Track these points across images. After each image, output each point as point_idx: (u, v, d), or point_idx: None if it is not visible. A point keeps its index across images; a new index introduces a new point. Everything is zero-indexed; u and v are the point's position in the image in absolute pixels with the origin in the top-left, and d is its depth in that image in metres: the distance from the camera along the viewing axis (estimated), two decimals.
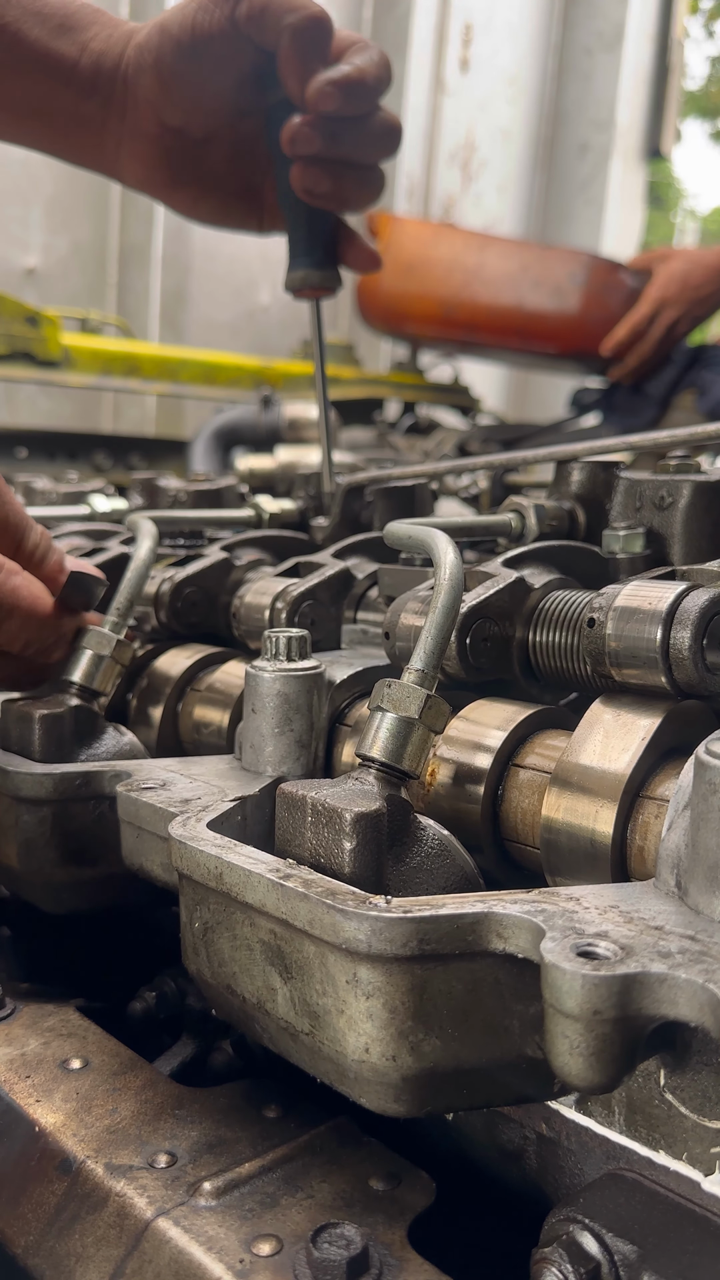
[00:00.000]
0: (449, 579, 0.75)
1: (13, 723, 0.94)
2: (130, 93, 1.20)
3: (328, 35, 1.13)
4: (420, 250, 4.57)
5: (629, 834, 0.68)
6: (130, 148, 1.24)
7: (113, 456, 4.08)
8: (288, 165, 1.19)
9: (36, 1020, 0.89)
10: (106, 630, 0.98)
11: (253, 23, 1.11)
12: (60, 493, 1.82)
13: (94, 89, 1.20)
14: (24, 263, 5.32)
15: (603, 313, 4.50)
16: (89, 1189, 0.70)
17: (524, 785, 0.77)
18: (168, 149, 1.24)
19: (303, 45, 1.11)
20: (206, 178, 1.27)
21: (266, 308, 6.05)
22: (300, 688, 0.81)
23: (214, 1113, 0.76)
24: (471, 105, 6.90)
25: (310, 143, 1.14)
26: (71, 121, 1.23)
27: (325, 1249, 0.60)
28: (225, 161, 1.26)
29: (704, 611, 0.70)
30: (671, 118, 7.82)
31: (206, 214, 1.32)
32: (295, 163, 1.17)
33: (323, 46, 1.12)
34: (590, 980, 0.49)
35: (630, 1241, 0.57)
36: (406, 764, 0.70)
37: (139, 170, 1.26)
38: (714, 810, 0.54)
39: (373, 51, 1.14)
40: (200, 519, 1.38)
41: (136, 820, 0.81)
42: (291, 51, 1.11)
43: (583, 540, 1.05)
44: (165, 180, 1.27)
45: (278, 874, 0.61)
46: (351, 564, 1.12)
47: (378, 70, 1.13)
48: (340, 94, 1.10)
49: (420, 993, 0.56)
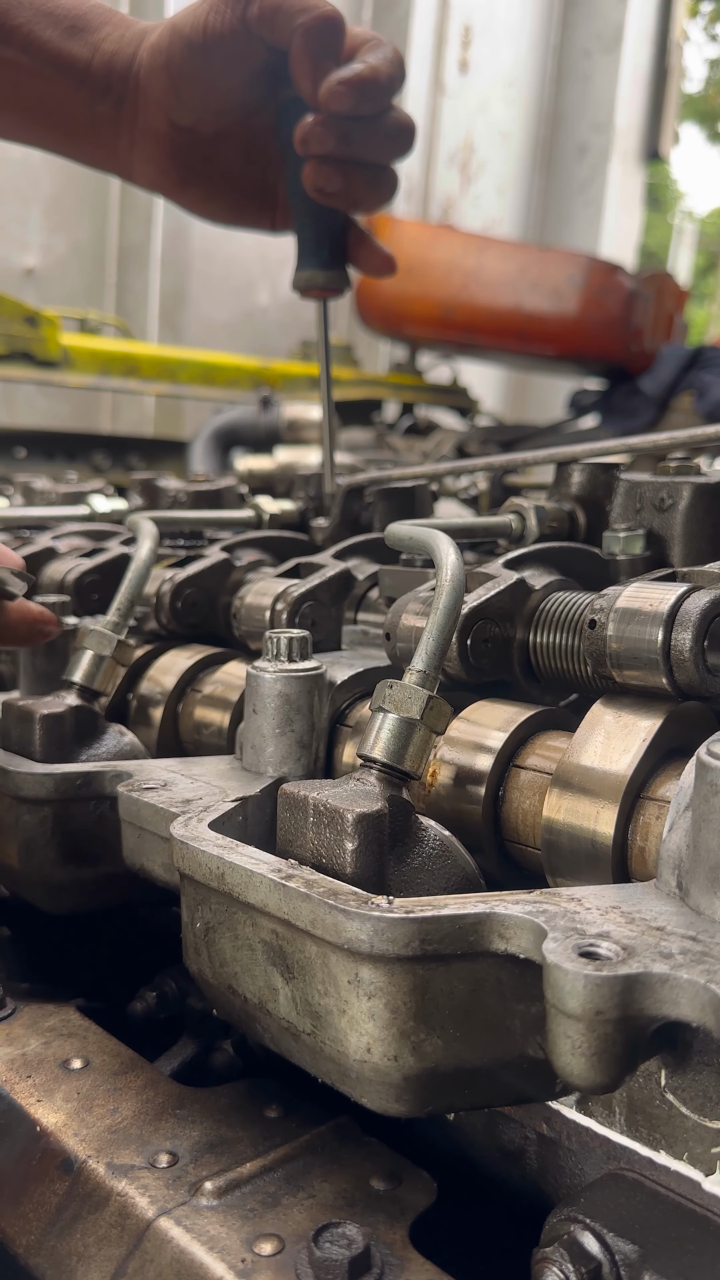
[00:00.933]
0: (450, 580, 0.75)
1: (13, 722, 0.94)
2: (142, 93, 1.20)
3: (340, 34, 1.12)
4: (419, 252, 4.58)
5: (630, 835, 0.69)
6: (142, 148, 1.24)
7: (111, 457, 4.08)
8: (297, 164, 1.19)
9: (37, 1020, 0.89)
10: (107, 631, 0.98)
11: (265, 23, 1.11)
12: (59, 493, 1.82)
13: (107, 90, 1.20)
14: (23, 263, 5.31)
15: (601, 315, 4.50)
16: (90, 1188, 0.70)
17: (525, 786, 0.77)
18: (180, 148, 1.24)
19: (315, 45, 1.11)
20: (218, 177, 1.27)
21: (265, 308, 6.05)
22: (301, 688, 0.82)
23: (215, 1112, 0.76)
24: (470, 107, 6.91)
25: (323, 142, 1.13)
26: (84, 122, 1.23)
27: (327, 1248, 0.60)
28: (237, 160, 1.26)
29: (705, 613, 0.70)
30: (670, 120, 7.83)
31: (219, 213, 1.32)
32: (307, 162, 1.16)
33: (335, 46, 1.12)
34: (592, 980, 0.49)
35: (631, 1241, 0.57)
36: (408, 765, 0.70)
37: (151, 170, 1.26)
38: (715, 811, 0.54)
39: (386, 49, 1.13)
40: (200, 519, 1.38)
41: (137, 820, 0.81)
42: (304, 51, 1.11)
43: (583, 542, 1.06)
44: (177, 180, 1.27)
45: (280, 874, 0.61)
46: (352, 565, 1.12)
47: (391, 68, 1.12)
48: (353, 93, 1.10)
49: (422, 993, 0.56)
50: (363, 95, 1.10)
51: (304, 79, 1.12)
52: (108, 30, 1.20)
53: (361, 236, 1.28)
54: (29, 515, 1.50)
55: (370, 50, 1.13)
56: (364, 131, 1.14)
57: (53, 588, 1.28)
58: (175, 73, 1.16)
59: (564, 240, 7.34)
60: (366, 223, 4.30)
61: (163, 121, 1.21)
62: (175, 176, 1.27)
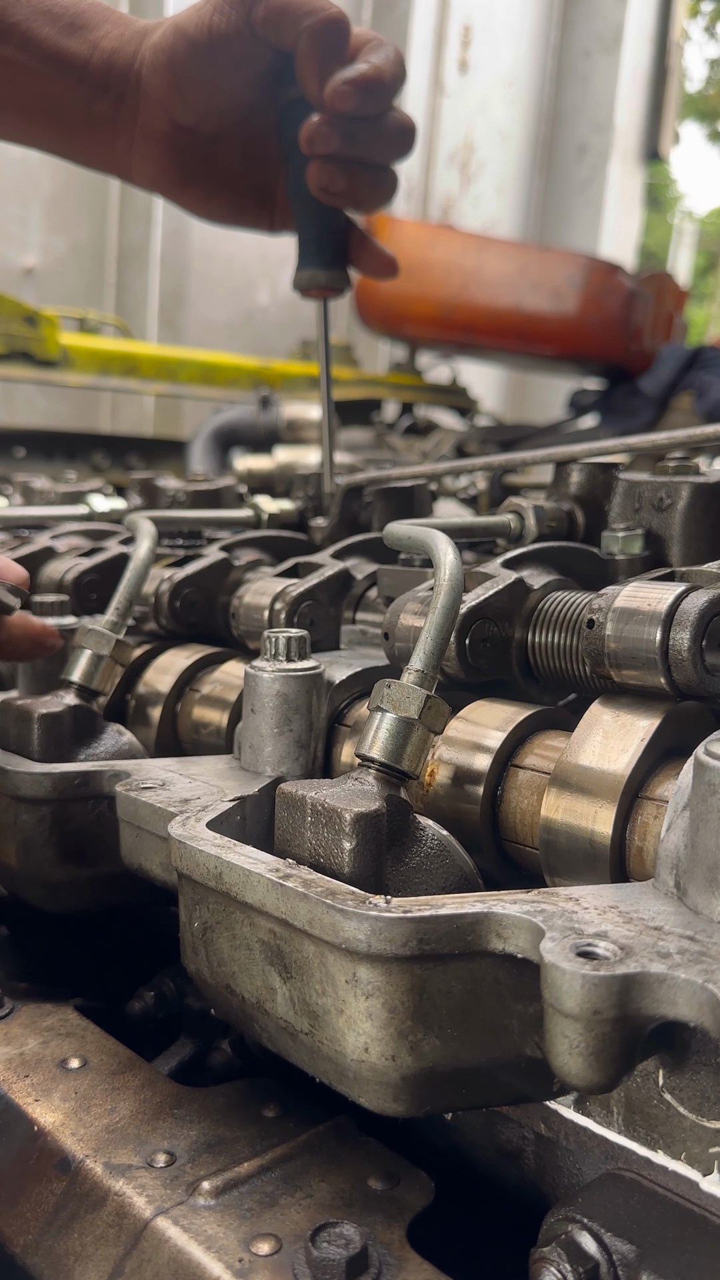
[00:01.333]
0: (449, 580, 0.75)
1: (12, 722, 0.94)
2: (143, 91, 1.20)
3: (346, 36, 1.13)
4: (419, 251, 4.58)
5: (628, 834, 0.69)
6: (142, 147, 1.24)
7: (111, 456, 4.08)
8: (301, 163, 1.19)
9: (35, 1019, 0.89)
10: (106, 630, 0.98)
11: (270, 25, 1.11)
12: (59, 492, 1.82)
13: (106, 87, 1.20)
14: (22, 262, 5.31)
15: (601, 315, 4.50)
16: (88, 1188, 0.70)
17: (523, 786, 0.77)
18: (180, 148, 1.24)
19: (322, 47, 1.11)
20: (218, 176, 1.27)
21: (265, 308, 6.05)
22: (299, 688, 0.82)
23: (213, 1112, 0.76)
24: (470, 106, 6.91)
25: (328, 142, 1.14)
26: (83, 120, 1.23)
27: (324, 1248, 0.60)
28: (237, 160, 1.26)
29: (703, 613, 0.70)
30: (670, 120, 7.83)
31: (218, 213, 1.32)
32: (313, 161, 1.17)
33: (341, 48, 1.13)
34: (590, 980, 0.49)
35: (629, 1241, 0.57)
36: (406, 764, 0.70)
37: (150, 169, 1.26)
38: (713, 811, 0.54)
39: (388, 49, 1.14)
40: (199, 519, 1.38)
41: (136, 820, 0.81)
42: (310, 53, 1.12)
43: (581, 541, 1.06)
44: (177, 179, 1.27)
45: (277, 874, 0.61)
46: (351, 564, 1.12)
47: (393, 69, 1.13)
48: (358, 93, 1.10)
49: (420, 992, 0.56)
50: (367, 95, 1.11)
51: (310, 80, 1.13)
52: (107, 28, 1.20)
53: (363, 238, 1.28)
54: (28, 515, 1.50)
55: (372, 50, 1.14)
56: (367, 132, 1.15)
57: (51, 587, 1.28)
58: (178, 72, 1.16)
59: (564, 240, 7.34)
60: (366, 223, 4.30)
61: (164, 120, 1.21)
62: (175, 176, 1.27)
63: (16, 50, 1.17)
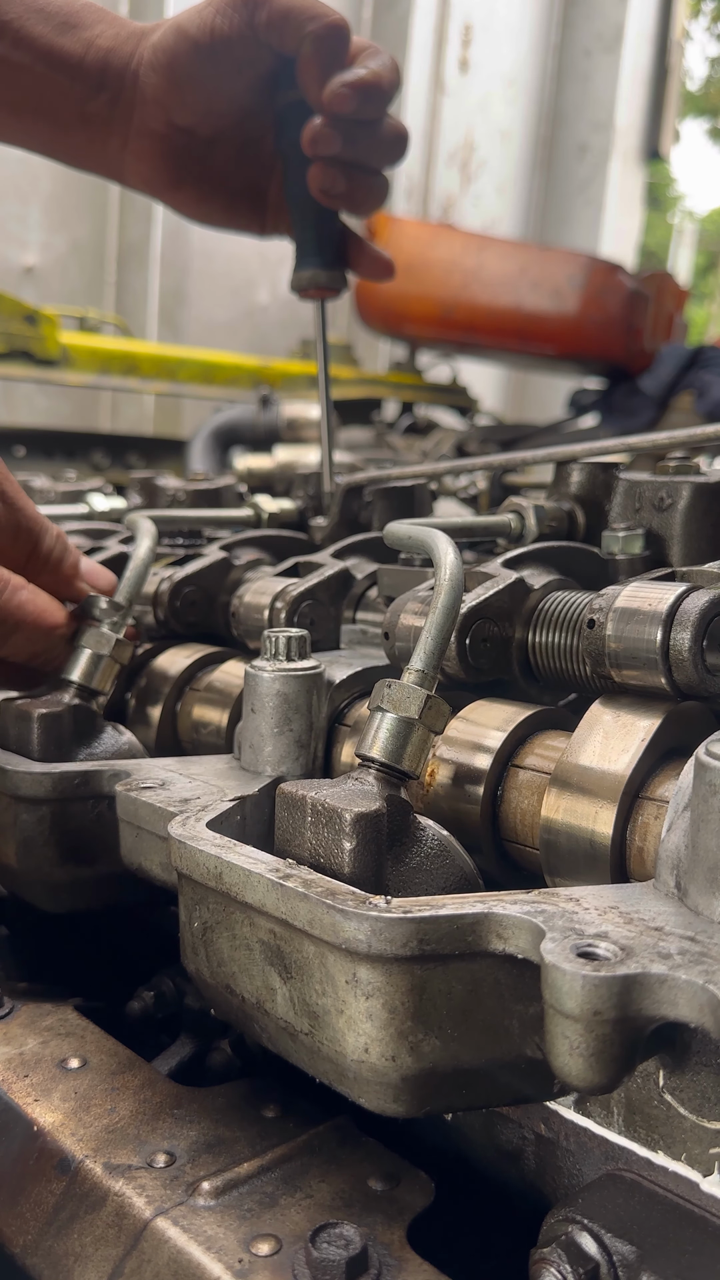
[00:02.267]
0: (449, 579, 0.75)
1: (11, 722, 0.93)
2: (140, 91, 1.20)
3: (347, 42, 1.15)
4: (419, 251, 4.58)
5: (628, 835, 0.68)
6: (135, 146, 1.24)
7: (111, 455, 4.08)
8: (300, 166, 1.20)
9: (35, 1019, 0.89)
10: (105, 629, 0.98)
11: (273, 29, 1.13)
12: (59, 491, 1.82)
13: (101, 86, 1.20)
14: (22, 261, 5.31)
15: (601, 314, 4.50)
16: (87, 1188, 0.70)
17: (523, 786, 0.77)
18: (174, 149, 1.24)
19: (324, 52, 1.13)
20: (211, 178, 1.27)
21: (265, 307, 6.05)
22: (299, 688, 0.81)
23: (212, 1112, 0.76)
24: (471, 106, 6.90)
25: (330, 144, 1.16)
26: (75, 119, 1.23)
27: (324, 1249, 0.60)
28: (230, 162, 1.27)
29: (704, 613, 0.70)
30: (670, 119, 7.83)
31: (210, 215, 1.32)
32: (314, 163, 1.18)
33: (342, 53, 1.15)
34: (590, 981, 0.49)
35: (629, 1242, 0.57)
36: (406, 764, 0.70)
37: (143, 169, 1.26)
38: (714, 811, 0.54)
39: (384, 56, 1.17)
40: (199, 518, 1.38)
41: (135, 820, 0.81)
42: (312, 58, 1.13)
43: (582, 541, 1.06)
44: (169, 180, 1.27)
45: (277, 874, 0.61)
46: (351, 564, 1.12)
47: (390, 75, 1.16)
48: (356, 96, 1.12)
49: (420, 993, 0.56)
50: (365, 98, 1.13)
51: (312, 85, 1.14)
52: (102, 28, 1.20)
53: (359, 242, 1.29)
54: None
55: (370, 57, 1.16)
56: (364, 136, 1.17)
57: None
58: (179, 73, 1.17)
59: (564, 240, 7.33)
60: (364, 224, 4.30)
61: (160, 121, 1.21)
62: (168, 177, 1.27)
63: (9, 48, 1.17)
